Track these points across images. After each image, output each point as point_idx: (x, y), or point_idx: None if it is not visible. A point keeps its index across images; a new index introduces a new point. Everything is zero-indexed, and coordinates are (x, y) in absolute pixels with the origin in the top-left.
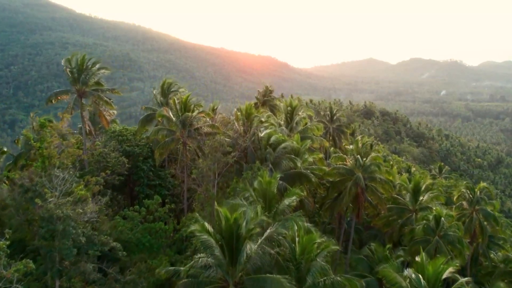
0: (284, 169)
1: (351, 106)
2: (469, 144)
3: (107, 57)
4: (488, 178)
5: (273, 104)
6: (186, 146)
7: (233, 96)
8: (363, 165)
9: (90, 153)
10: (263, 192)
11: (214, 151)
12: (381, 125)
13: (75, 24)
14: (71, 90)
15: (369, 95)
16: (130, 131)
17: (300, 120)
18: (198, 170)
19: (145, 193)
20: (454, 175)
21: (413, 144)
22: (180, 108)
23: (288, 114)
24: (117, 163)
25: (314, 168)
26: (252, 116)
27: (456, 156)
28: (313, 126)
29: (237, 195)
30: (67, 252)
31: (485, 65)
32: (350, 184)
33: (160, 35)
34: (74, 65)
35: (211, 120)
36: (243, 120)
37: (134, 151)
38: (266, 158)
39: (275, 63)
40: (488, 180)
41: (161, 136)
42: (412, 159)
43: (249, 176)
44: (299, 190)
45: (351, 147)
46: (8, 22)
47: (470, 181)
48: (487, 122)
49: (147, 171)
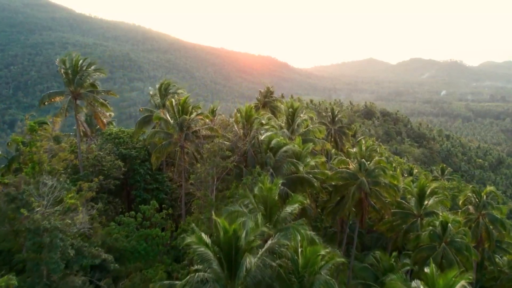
0: (285, 173)
1: (352, 106)
2: (470, 145)
3: (107, 57)
4: (489, 179)
5: (274, 105)
6: (184, 149)
7: (233, 96)
8: (367, 169)
9: (85, 156)
10: (263, 199)
11: (213, 156)
12: (382, 126)
13: (75, 24)
14: (65, 92)
15: (369, 95)
16: (127, 133)
17: (301, 122)
18: (196, 175)
19: (142, 197)
20: (455, 176)
21: (414, 144)
22: (178, 110)
23: (289, 116)
24: (113, 167)
25: (317, 172)
26: (252, 119)
27: (457, 157)
28: (315, 129)
29: (236, 202)
30: (54, 266)
31: (485, 65)
32: (354, 189)
33: (160, 35)
34: (68, 65)
35: (210, 122)
36: (242, 122)
37: (131, 154)
38: (266, 162)
39: (275, 63)
40: (489, 181)
41: (158, 139)
42: (413, 160)
43: (249, 181)
44: (302, 196)
45: (354, 150)
46: (8, 22)
47: (472, 182)
48: (487, 123)
49: (144, 175)
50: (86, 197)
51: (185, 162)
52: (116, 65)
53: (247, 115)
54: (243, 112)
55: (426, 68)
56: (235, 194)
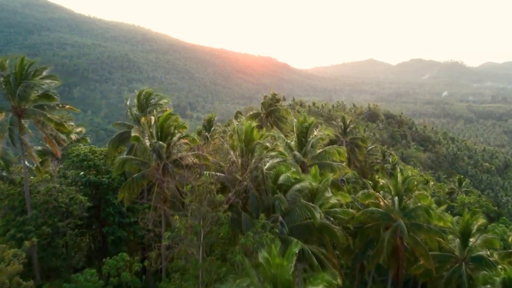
0: (298, 220)
1: (355, 109)
2: (476, 148)
3: (106, 57)
4: (497, 184)
5: (279, 115)
6: (163, 185)
7: (233, 97)
8: (404, 209)
9: (36, 191)
10: (272, 278)
11: (199, 202)
12: (386, 129)
13: (74, 24)
14: (5, 108)
15: (370, 96)
16: (99, 153)
17: (316, 141)
18: (173, 233)
19: (116, 235)
20: (474, 191)
21: (420, 148)
22: (157, 132)
23: (301, 134)
24: (74, 203)
25: (338, 212)
26: (253, 144)
27: (463, 161)
28: (333, 150)
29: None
30: None
31: (486, 66)
32: (388, 234)
33: (159, 35)
34: (9, 72)
35: (198, 148)
36: (241, 148)
37: (102, 182)
38: (274, 207)
39: (275, 63)
40: (498, 186)
41: (130, 168)
42: (420, 165)
43: (250, 242)
44: (327, 275)
45: (386, 182)
46: (7, 23)
47: (480, 187)
48: (490, 124)
49: (119, 206)
50: (10, 272)
51: (164, 202)
52: (115, 66)
53: (247, 139)
54: (242, 134)
55: (426, 69)
56: (231, 258)
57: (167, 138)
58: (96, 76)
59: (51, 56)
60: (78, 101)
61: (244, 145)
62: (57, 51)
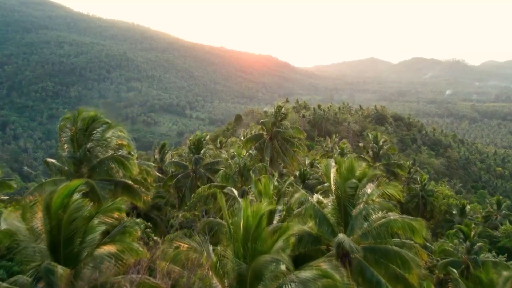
0: None
1: (362, 110)
2: (487, 151)
3: (104, 56)
4: None
5: (286, 136)
6: None
7: (233, 96)
8: None
9: None
10: None
11: None
12: (395, 132)
13: (72, 22)
14: None
15: (372, 95)
16: None
17: (372, 210)
18: None
19: None
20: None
21: (432, 153)
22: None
23: (345, 196)
24: None
25: None
26: (262, 262)
27: (476, 165)
28: (401, 221)
29: None
30: None
31: (487, 65)
32: None
33: (158, 34)
34: None
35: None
36: (237, 272)
37: None
38: None
39: (276, 62)
40: None
41: None
42: (434, 173)
43: None
44: None
45: None
46: (4, 21)
47: (495, 194)
48: (495, 124)
49: None
50: None
51: None
52: (113, 65)
53: (252, 246)
54: (239, 229)
55: (428, 68)
56: None
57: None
58: (94, 75)
59: (49, 55)
60: (75, 101)
61: (244, 258)
62: (54, 50)
